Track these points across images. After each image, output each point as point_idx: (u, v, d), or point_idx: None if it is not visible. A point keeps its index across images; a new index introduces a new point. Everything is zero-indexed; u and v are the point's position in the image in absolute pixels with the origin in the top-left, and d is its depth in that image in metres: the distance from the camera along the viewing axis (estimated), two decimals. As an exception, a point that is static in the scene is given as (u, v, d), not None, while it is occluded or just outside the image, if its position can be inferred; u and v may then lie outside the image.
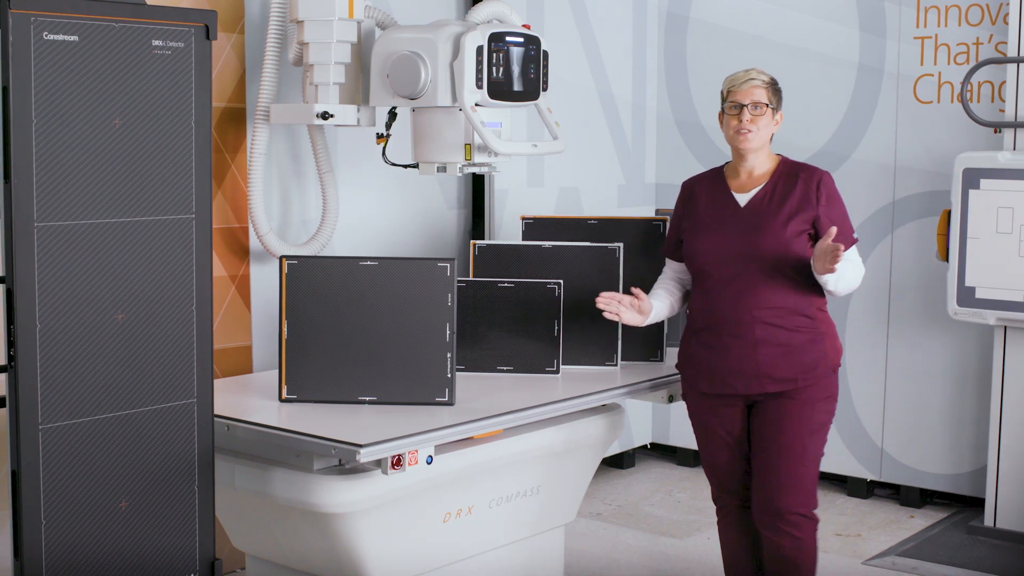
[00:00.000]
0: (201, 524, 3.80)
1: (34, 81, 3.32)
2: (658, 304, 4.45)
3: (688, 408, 4.44)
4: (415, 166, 4.89)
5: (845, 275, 4.18)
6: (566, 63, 6.27)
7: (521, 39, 4.75)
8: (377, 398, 4.18)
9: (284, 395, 4.22)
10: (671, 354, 4.88)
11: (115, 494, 3.60)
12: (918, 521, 6.07)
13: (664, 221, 4.82)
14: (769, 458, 4.24)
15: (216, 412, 3.87)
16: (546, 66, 4.85)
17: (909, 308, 6.20)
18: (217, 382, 4.04)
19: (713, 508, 4.53)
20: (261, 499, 4.12)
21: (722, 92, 4.31)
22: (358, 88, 4.86)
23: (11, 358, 3.38)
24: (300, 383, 4.21)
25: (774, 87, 4.31)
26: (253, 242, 5.08)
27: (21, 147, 3.31)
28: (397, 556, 4.17)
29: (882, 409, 6.32)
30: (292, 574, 4.37)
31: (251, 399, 4.38)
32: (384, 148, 4.95)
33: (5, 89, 3.29)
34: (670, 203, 6.79)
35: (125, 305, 3.57)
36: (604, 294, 4.35)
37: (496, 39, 4.66)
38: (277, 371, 4.31)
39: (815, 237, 4.19)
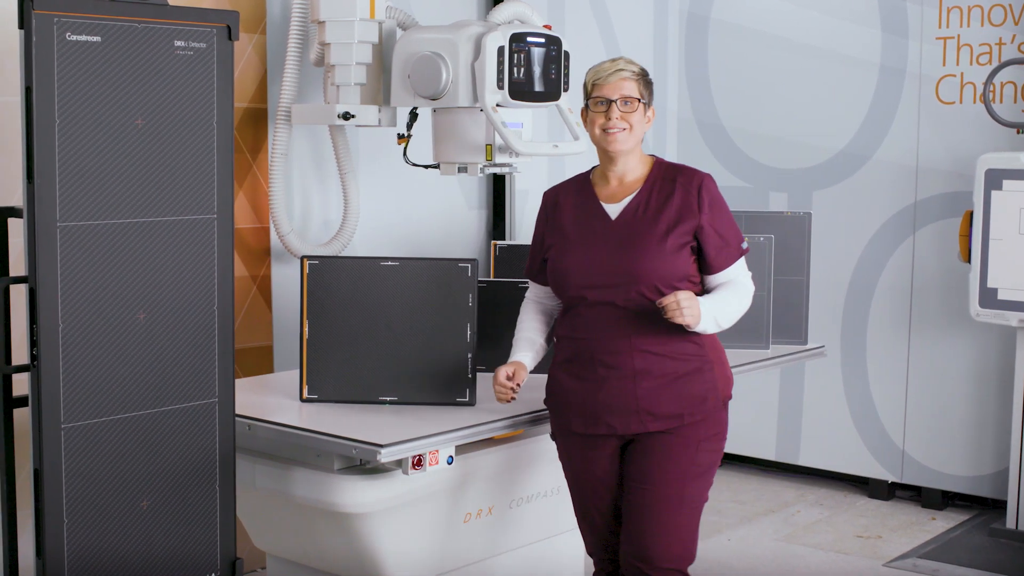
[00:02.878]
0: (222, 523, 3.81)
1: (57, 81, 3.33)
2: (527, 359, 3.95)
3: (558, 450, 3.93)
4: (436, 166, 4.89)
5: (721, 312, 3.67)
6: (587, 63, 6.23)
7: (542, 39, 4.75)
8: (398, 398, 4.18)
9: (305, 395, 4.23)
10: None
11: (136, 493, 3.61)
12: (939, 523, 6.05)
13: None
14: (642, 502, 3.71)
15: (237, 412, 3.88)
16: (567, 66, 4.85)
17: (931, 309, 6.18)
18: (238, 382, 4.05)
19: (733, 510, 4.50)
20: (282, 499, 4.12)
21: (585, 85, 3.77)
22: (379, 88, 4.86)
23: (34, 357, 3.39)
24: (321, 383, 4.22)
25: (645, 78, 3.75)
26: (274, 242, 5.09)
27: (44, 147, 3.33)
28: (417, 556, 4.17)
29: (903, 411, 6.31)
30: (312, 574, 4.38)
31: (272, 399, 4.39)
32: (405, 148, 4.95)
33: (29, 90, 3.30)
34: (691, 204, 6.82)
35: (147, 305, 3.58)
36: (499, 392, 3.86)
37: (517, 39, 4.66)
38: (298, 371, 4.32)
39: (699, 249, 3.71)
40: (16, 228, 3.56)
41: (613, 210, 3.74)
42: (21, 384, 3.54)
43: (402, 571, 4.14)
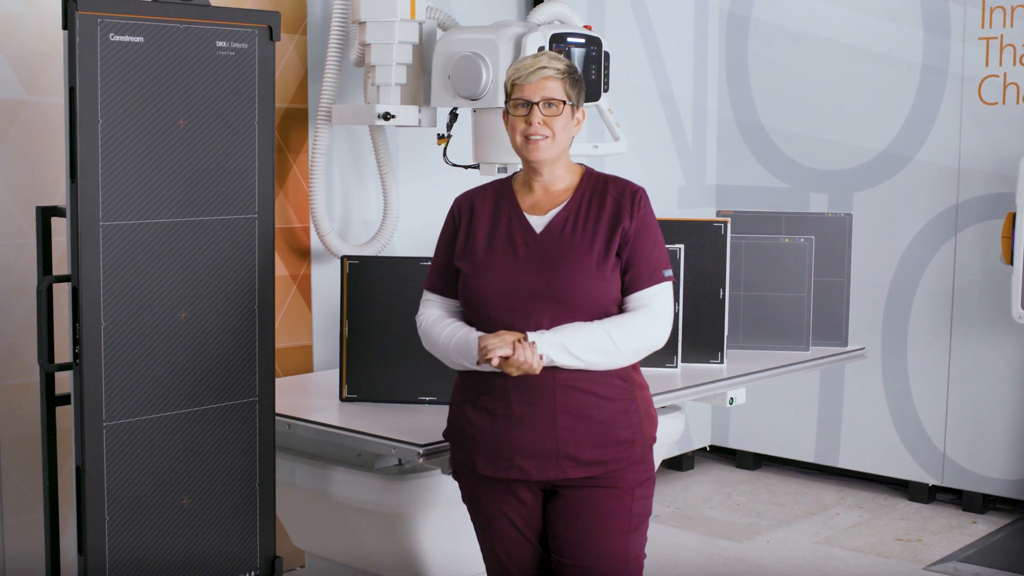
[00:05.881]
0: (262, 522, 3.82)
1: (100, 82, 3.35)
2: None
3: (462, 491, 3.48)
4: (476, 167, 4.89)
5: (574, 340, 3.18)
6: (627, 64, 6.26)
7: (582, 40, 4.74)
8: (437, 398, 4.19)
9: (345, 394, 4.24)
10: (732, 356, 4.86)
11: (177, 491, 3.63)
12: (980, 527, 6.01)
13: (726, 223, 4.78)
14: (581, 567, 3.31)
15: (277, 411, 3.89)
16: (607, 67, 4.84)
17: (972, 311, 6.14)
18: (278, 381, 4.07)
19: (772, 512, 4.44)
20: (321, 498, 4.14)
21: (505, 85, 3.35)
22: (419, 89, 4.87)
23: (76, 356, 3.42)
24: (361, 383, 4.23)
25: (572, 77, 3.31)
26: (314, 242, 5.11)
27: (87, 147, 3.35)
28: (457, 556, 4.17)
29: (944, 413, 6.27)
30: (352, 573, 4.39)
31: (312, 398, 4.40)
32: (445, 149, 4.95)
33: (72, 90, 3.33)
34: (730, 205, 6.81)
35: (188, 304, 3.60)
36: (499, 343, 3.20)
37: (557, 40, 4.65)
38: (338, 370, 4.33)
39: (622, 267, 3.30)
40: (59, 227, 3.58)
41: (538, 222, 3.32)
42: (64, 382, 3.56)
43: (441, 571, 4.15)
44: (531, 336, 3.17)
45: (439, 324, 3.38)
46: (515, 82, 3.29)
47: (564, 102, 3.28)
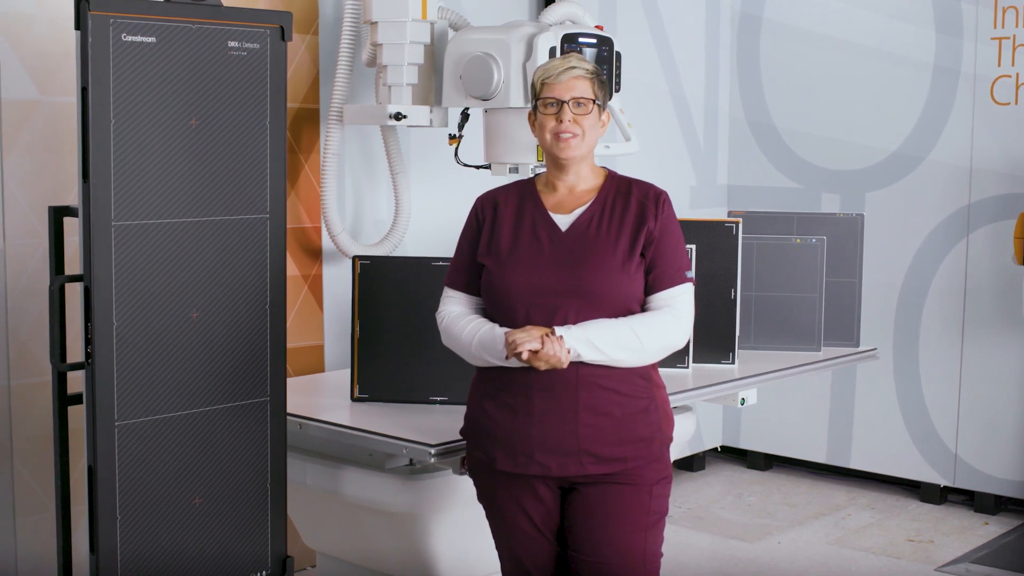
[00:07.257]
0: (273, 521, 3.83)
1: (112, 82, 3.36)
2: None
3: (478, 489, 3.49)
4: (487, 167, 4.89)
5: (600, 335, 3.22)
6: (638, 64, 6.25)
7: (594, 40, 4.74)
8: (448, 398, 4.19)
9: (356, 394, 4.24)
10: (743, 356, 4.86)
11: (189, 491, 3.64)
12: (992, 528, 6.00)
13: (737, 223, 4.77)
14: (599, 563, 3.32)
15: (288, 411, 3.90)
16: (619, 67, 4.84)
17: (984, 312, 6.13)
18: (289, 381, 4.07)
19: (783, 512, 4.44)
20: (332, 498, 4.14)
21: (533, 85, 3.38)
22: (431, 89, 4.87)
23: (88, 355, 3.42)
24: (372, 382, 4.23)
25: (599, 78, 3.36)
26: (326, 242, 5.11)
27: (99, 147, 3.36)
28: (468, 556, 4.18)
29: (956, 414, 6.25)
30: (363, 572, 4.39)
31: (323, 398, 4.41)
32: (456, 149, 4.96)
33: (84, 90, 3.33)
34: (742, 205, 6.81)
35: (200, 304, 3.60)
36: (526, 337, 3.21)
37: (569, 40, 4.65)
38: (349, 370, 4.33)
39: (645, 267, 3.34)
40: (72, 227, 3.59)
41: (563, 220, 3.36)
42: (76, 382, 3.57)
43: (453, 571, 4.15)
44: (558, 330, 3.20)
45: (461, 320, 3.41)
46: (545, 81, 3.34)
47: (593, 101, 3.33)
